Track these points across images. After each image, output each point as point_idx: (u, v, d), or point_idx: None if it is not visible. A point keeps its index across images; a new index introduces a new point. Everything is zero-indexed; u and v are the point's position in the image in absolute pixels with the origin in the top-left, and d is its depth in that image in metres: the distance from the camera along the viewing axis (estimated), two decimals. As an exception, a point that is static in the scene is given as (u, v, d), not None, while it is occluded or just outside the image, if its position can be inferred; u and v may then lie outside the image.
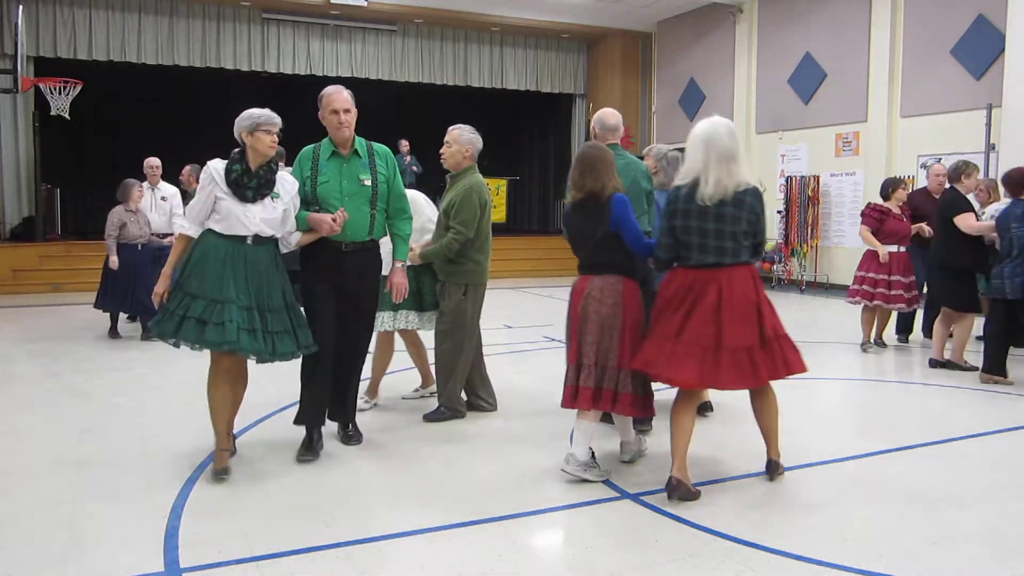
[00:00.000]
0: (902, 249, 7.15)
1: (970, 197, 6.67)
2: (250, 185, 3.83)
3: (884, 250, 7.05)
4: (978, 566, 3.01)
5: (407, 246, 4.40)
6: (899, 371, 6.48)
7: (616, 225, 3.80)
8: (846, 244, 12.24)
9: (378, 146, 4.34)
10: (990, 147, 10.01)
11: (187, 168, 8.61)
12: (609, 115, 4.81)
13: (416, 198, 5.07)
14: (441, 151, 4.92)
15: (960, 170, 6.56)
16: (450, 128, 4.94)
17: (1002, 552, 3.14)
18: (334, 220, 4.00)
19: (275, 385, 5.21)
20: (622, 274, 3.85)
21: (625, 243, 3.83)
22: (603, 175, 3.84)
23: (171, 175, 8.44)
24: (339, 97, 4.18)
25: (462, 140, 4.86)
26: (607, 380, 3.77)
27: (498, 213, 16.74)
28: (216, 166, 3.88)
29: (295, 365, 4.18)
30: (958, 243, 6.32)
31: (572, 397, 3.84)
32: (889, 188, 7.27)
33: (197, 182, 4.31)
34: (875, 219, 7.17)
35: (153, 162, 8.21)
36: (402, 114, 15.56)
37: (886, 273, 7.08)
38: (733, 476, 3.96)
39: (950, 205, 6.41)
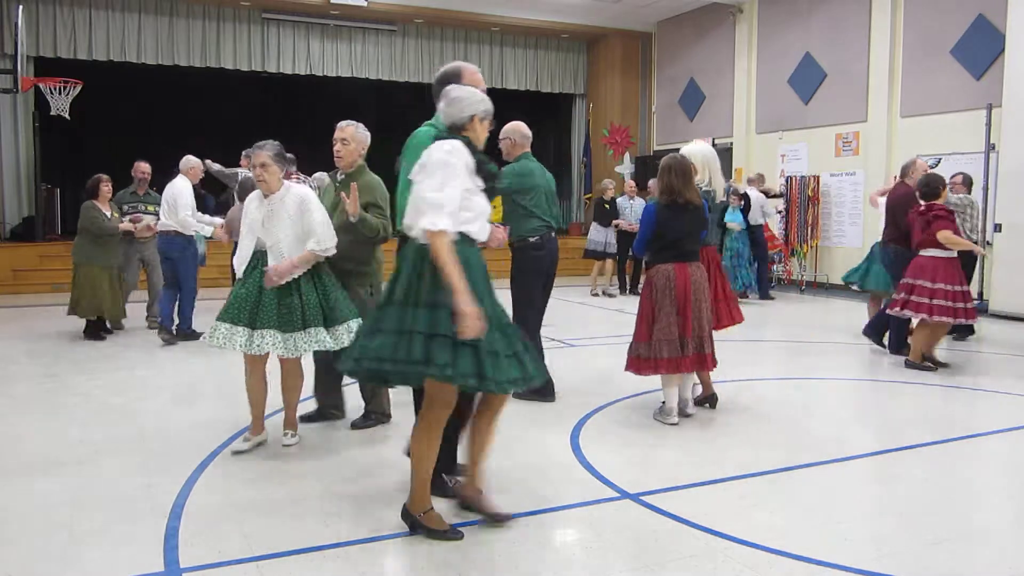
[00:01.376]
0: (955, 254, 6.40)
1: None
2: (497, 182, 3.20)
3: (979, 248, 6.25)
4: (978, 566, 3.02)
5: None
6: (898, 372, 6.48)
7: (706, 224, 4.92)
8: (846, 244, 12.24)
9: None
10: (990, 147, 10.01)
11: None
12: (523, 126, 5.45)
13: None
14: (337, 149, 4.49)
15: None
16: (343, 124, 4.52)
17: (1002, 552, 3.14)
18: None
19: (272, 386, 5.20)
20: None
21: None
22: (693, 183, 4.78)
23: (166, 176, 8.27)
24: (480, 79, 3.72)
25: (359, 137, 4.54)
26: (708, 345, 4.75)
27: (498, 213, 16.74)
28: (464, 149, 3.08)
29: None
30: None
31: (697, 363, 4.71)
32: (940, 186, 6.42)
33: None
34: (952, 220, 6.30)
35: (202, 163, 8.06)
36: (402, 114, 15.54)
37: (957, 283, 6.27)
38: (733, 476, 3.96)
39: None
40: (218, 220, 7.53)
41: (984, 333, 8.19)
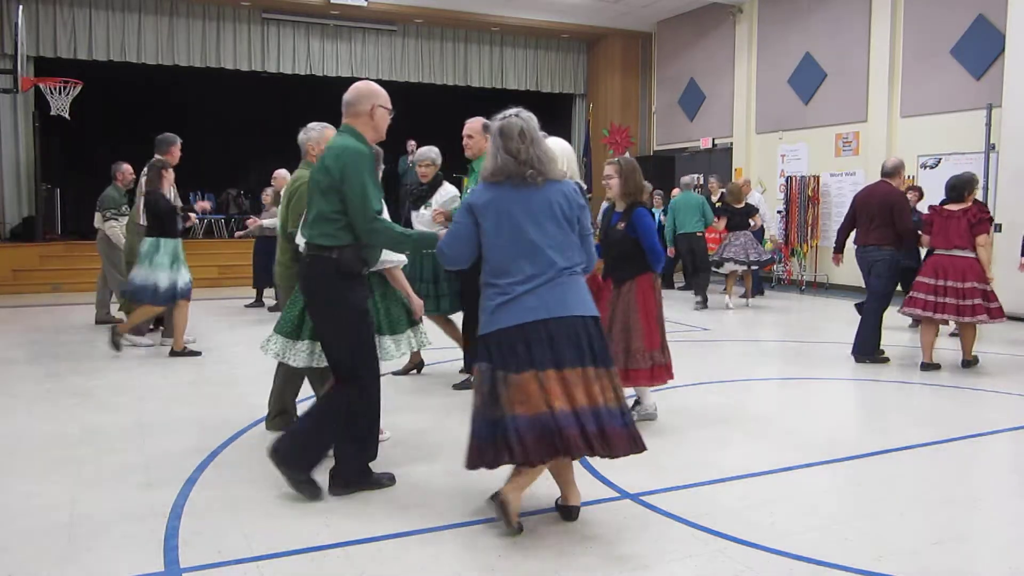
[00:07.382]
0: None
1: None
2: None
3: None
4: (978, 566, 3.02)
5: None
6: (898, 372, 6.48)
7: None
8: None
9: None
10: (990, 147, 10.02)
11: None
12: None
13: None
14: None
15: None
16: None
17: (1002, 552, 3.14)
18: None
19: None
20: None
21: None
22: None
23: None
24: None
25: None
26: None
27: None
28: None
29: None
30: None
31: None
32: (975, 185, 6.57)
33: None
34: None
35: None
36: (402, 114, 15.52)
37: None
38: (733, 476, 3.96)
39: None
40: None
41: (984, 333, 8.18)
